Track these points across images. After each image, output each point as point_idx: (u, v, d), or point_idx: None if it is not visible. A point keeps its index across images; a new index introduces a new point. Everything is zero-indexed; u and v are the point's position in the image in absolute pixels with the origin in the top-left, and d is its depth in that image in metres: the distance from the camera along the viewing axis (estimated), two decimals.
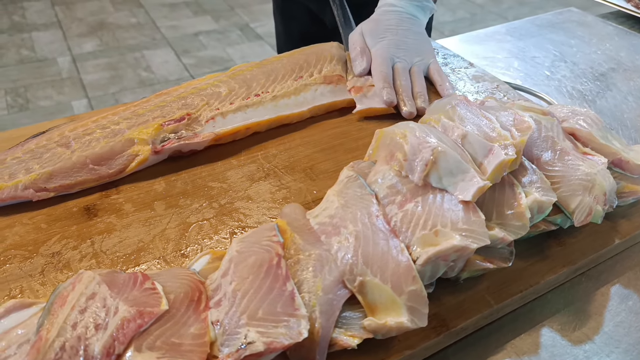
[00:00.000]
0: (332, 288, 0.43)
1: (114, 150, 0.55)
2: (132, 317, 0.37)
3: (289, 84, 0.67)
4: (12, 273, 0.46)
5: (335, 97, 0.69)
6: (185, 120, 0.59)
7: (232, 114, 0.61)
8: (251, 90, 0.65)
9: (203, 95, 0.63)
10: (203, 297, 0.42)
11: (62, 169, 0.54)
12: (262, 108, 0.63)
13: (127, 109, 0.60)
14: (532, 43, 0.90)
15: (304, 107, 0.66)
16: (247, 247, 0.45)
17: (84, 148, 0.55)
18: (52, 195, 0.53)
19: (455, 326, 0.45)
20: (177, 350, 0.37)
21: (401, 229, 0.47)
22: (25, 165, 0.54)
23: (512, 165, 0.49)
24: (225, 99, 0.62)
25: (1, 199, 0.52)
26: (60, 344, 0.36)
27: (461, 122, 0.54)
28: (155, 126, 0.57)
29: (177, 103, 0.61)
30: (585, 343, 0.45)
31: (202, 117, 0.60)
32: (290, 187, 0.58)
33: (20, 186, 0.52)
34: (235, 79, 0.66)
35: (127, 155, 0.55)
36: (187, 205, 0.54)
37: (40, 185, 0.52)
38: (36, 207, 0.53)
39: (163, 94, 0.63)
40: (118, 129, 0.57)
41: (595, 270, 0.52)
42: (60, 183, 0.53)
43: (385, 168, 0.51)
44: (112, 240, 0.50)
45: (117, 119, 0.58)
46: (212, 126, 0.59)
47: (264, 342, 0.37)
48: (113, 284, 0.41)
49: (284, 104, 0.64)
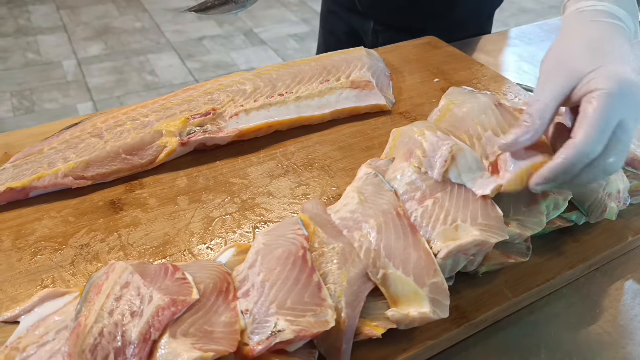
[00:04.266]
0: (356, 280, 0.44)
1: (144, 141, 0.58)
2: (166, 305, 0.39)
3: (314, 86, 0.68)
4: (43, 264, 0.48)
5: (359, 102, 0.69)
6: (211, 115, 0.61)
7: (255, 111, 0.63)
8: (276, 89, 0.66)
9: (229, 91, 0.64)
10: (231, 287, 0.44)
11: (97, 158, 0.56)
12: (284, 108, 0.64)
13: (155, 103, 0.62)
14: (541, 47, 0.92)
15: (326, 109, 0.67)
16: (273, 239, 0.46)
17: (116, 138, 0.57)
18: (90, 183, 0.56)
19: (475, 318, 0.46)
20: (209, 337, 0.38)
21: (421, 224, 0.48)
22: (62, 154, 0.56)
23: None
24: (250, 96, 0.64)
25: (43, 186, 0.54)
26: (98, 329, 0.37)
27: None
28: (182, 119, 0.59)
29: (204, 98, 0.63)
30: (602, 335, 0.47)
31: (227, 112, 0.61)
32: (309, 183, 0.59)
33: (60, 174, 0.54)
34: (261, 77, 0.67)
35: (156, 146, 0.58)
36: (209, 200, 0.56)
37: (78, 173, 0.55)
38: (63, 202, 0.54)
39: (190, 89, 0.65)
40: (147, 120, 0.59)
41: (609, 266, 0.53)
42: (96, 172, 0.55)
43: (404, 165, 0.53)
44: (138, 234, 0.51)
45: (146, 111, 0.61)
46: (235, 122, 0.61)
47: (293, 330, 0.39)
48: (145, 273, 0.42)
49: (306, 105, 0.66)
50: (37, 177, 0.53)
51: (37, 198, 0.54)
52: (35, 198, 0.54)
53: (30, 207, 0.54)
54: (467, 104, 0.58)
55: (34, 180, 0.53)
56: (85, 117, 0.63)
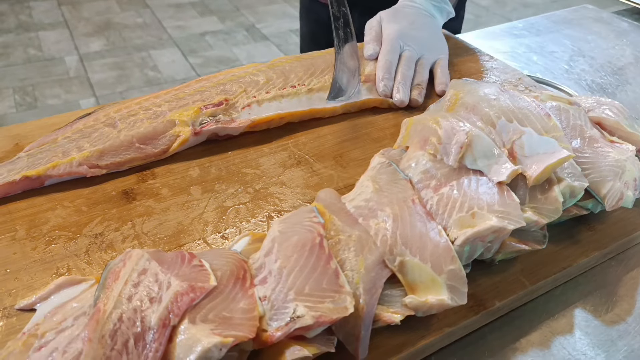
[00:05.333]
0: (373, 267, 0.44)
1: (157, 130, 0.58)
2: (184, 291, 0.38)
3: (327, 78, 0.68)
4: (58, 253, 0.47)
5: (371, 94, 0.70)
6: (223, 106, 0.61)
7: (268, 102, 0.63)
8: (288, 81, 0.66)
9: (241, 82, 0.65)
10: (248, 275, 0.43)
11: (111, 147, 0.56)
12: (296, 100, 0.65)
13: (168, 93, 0.62)
14: (550, 39, 0.92)
15: (338, 102, 0.67)
16: (289, 227, 0.46)
17: (129, 128, 0.58)
18: (104, 172, 0.56)
19: (492, 306, 0.46)
20: (228, 323, 0.38)
21: (437, 212, 0.48)
22: (76, 143, 0.56)
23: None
24: (262, 87, 0.64)
25: (58, 175, 0.54)
26: (117, 315, 0.36)
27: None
28: (195, 109, 0.59)
29: (216, 89, 0.63)
30: (619, 324, 0.46)
31: (239, 103, 0.62)
32: (322, 173, 0.59)
33: (74, 163, 0.54)
34: (274, 69, 0.68)
35: (170, 135, 0.58)
36: (222, 190, 0.55)
37: (93, 162, 0.55)
38: (76, 192, 0.54)
39: (203, 80, 0.65)
40: (160, 110, 0.59)
41: (625, 255, 0.53)
42: (111, 161, 0.55)
43: (419, 154, 0.52)
44: (152, 223, 0.51)
45: (159, 101, 0.61)
46: (247, 113, 0.61)
47: (312, 315, 0.38)
48: (162, 261, 0.42)
49: (318, 97, 0.66)
50: (52, 166, 0.53)
51: (49, 188, 0.54)
52: (47, 188, 0.54)
53: (42, 196, 0.53)
54: (477, 92, 0.57)
55: (49, 169, 0.53)
56: (97, 107, 0.63)
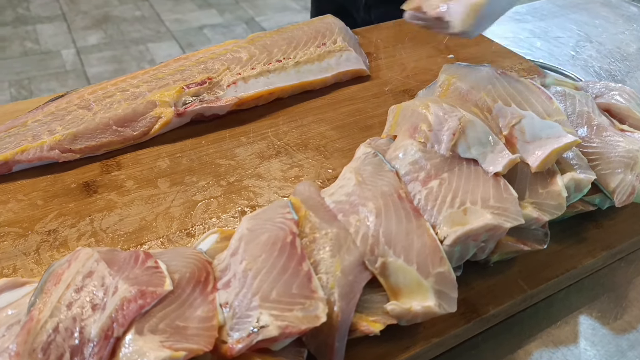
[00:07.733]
0: (352, 269, 0.39)
1: (137, 112, 0.55)
2: (133, 297, 0.34)
3: (312, 50, 0.66)
4: (5, 251, 0.43)
5: (361, 64, 0.68)
6: (207, 84, 0.58)
7: (254, 79, 0.60)
8: (272, 56, 0.64)
9: (223, 60, 0.62)
10: (210, 277, 0.39)
11: (86, 130, 0.53)
12: (284, 74, 0.62)
13: (146, 73, 0.59)
14: (555, 23, 0.86)
15: (329, 73, 0.65)
16: (259, 224, 0.41)
17: (105, 110, 0.54)
18: (78, 156, 0.52)
19: (486, 312, 0.41)
20: (182, 334, 0.34)
21: (425, 208, 0.43)
22: (47, 127, 0.53)
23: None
24: (246, 64, 0.62)
25: (27, 160, 0.50)
26: (53, 324, 0.32)
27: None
28: (177, 89, 0.56)
29: (197, 67, 0.60)
30: (629, 332, 0.41)
31: (224, 81, 0.59)
32: (303, 165, 0.54)
33: (45, 147, 0.51)
34: (255, 44, 0.65)
35: (150, 117, 0.54)
36: (192, 183, 0.51)
37: (65, 146, 0.52)
38: (32, 183, 0.50)
39: (182, 59, 0.62)
40: (138, 91, 0.56)
41: (636, 255, 0.48)
42: (85, 144, 0.52)
43: (408, 142, 0.48)
44: (113, 219, 0.46)
45: (136, 82, 0.57)
46: (234, 90, 0.59)
47: (278, 326, 0.34)
48: (113, 262, 0.37)
49: (307, 69, 0.64)
50: (21, 150, 0.50)
51: (1, 179, 0.50)
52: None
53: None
54: (471, 76, 0.52)
55: (17, 154, 0.50)
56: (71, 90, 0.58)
